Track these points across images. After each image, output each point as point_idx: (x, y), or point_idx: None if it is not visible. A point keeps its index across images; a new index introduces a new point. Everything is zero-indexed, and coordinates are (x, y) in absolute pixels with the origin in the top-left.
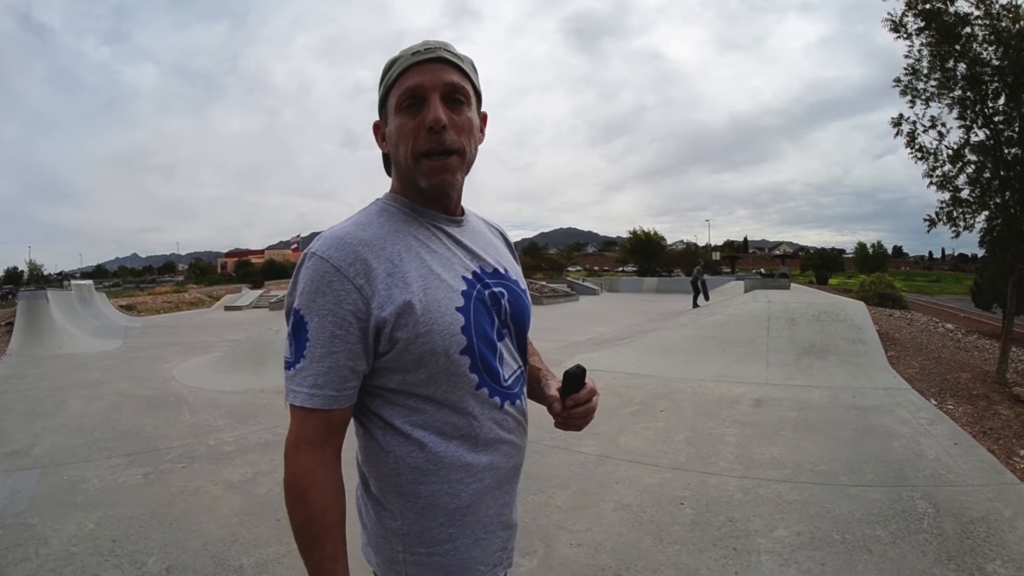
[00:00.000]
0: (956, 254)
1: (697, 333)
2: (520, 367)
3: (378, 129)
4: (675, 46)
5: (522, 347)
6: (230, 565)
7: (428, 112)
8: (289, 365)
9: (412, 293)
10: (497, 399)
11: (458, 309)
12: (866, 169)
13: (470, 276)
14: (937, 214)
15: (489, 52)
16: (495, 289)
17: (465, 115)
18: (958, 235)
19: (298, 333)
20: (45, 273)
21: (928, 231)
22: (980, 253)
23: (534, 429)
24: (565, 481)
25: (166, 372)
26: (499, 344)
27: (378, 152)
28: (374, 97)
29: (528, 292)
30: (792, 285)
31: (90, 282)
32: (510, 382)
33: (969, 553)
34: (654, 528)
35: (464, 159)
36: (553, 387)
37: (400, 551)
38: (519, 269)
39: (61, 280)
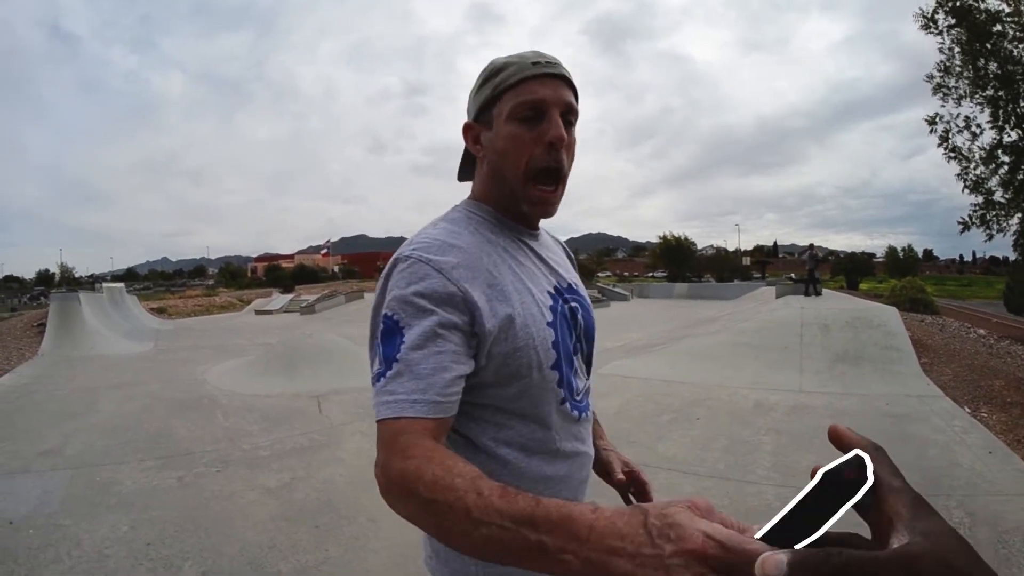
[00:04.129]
0: (987, 257)
1: (730, 340)
2: (588, 382)
3: (470, 130)
4: (699, 47)
5: (591, 362)
6: (268, 571)
7: (550, 128)
8: (379, 376)
9: (512, 307)
10: (576, 412)
11: (548, 324)
12: (895, 171)
13: (552, 291)
14: (970, 216)
15: None
16: (572, 304)
17: (573, 137)
18: (991, 238)
19: (391, 338)
20: (76, 276)
21: (961, 233)
22: (1013, 256)
23: None
24: (604, 489)
25: (198, 375)
26: (575, 358)
27: (403, 158)
28: (399, 104)
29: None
30: (823, 290)
31: (121, 285)
32: (581, 395)
33: (1004, 563)
34: None
35: (565, 185)
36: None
37: (472, 563)
38: (582, 284)
39: (92, 283)
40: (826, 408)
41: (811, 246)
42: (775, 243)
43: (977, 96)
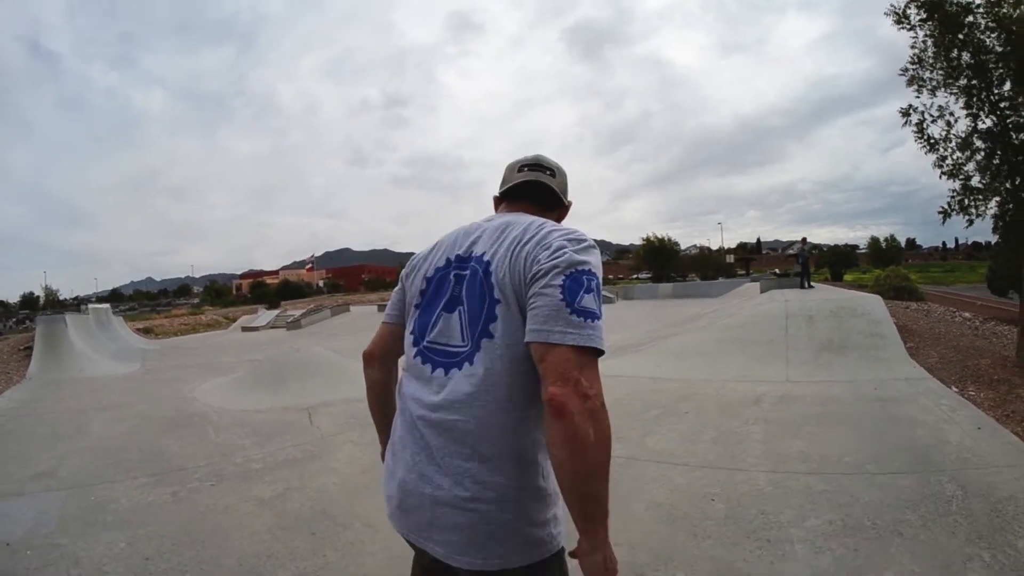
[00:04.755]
0: (970, 243)
1: (716, 335)
2: None
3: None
4: (677, 51)
5: None
6: None
7: None
8: (596, 316)
9: None
10: None
11: None
12: (875, 164)
13: None
14: (949, 204)
15: (493, 65)
16: None
17: None
18: (971, 223)
19: (598, 296)
20: (61, 298)
21: (943, 223)
22: (994, 240)
23: None
24: None
25: (187, 393)
26: None
27: (384, 170)
28: (380, 115)
29: None
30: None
31: (107, 306)
32: None
33: (999, 531)
34: (687, 525)
35: None
36: None
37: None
38: None
39: (78, 304)
40: (814, 396)
41: (803, 240)
42: (758, 240)
43: (951, 86)
